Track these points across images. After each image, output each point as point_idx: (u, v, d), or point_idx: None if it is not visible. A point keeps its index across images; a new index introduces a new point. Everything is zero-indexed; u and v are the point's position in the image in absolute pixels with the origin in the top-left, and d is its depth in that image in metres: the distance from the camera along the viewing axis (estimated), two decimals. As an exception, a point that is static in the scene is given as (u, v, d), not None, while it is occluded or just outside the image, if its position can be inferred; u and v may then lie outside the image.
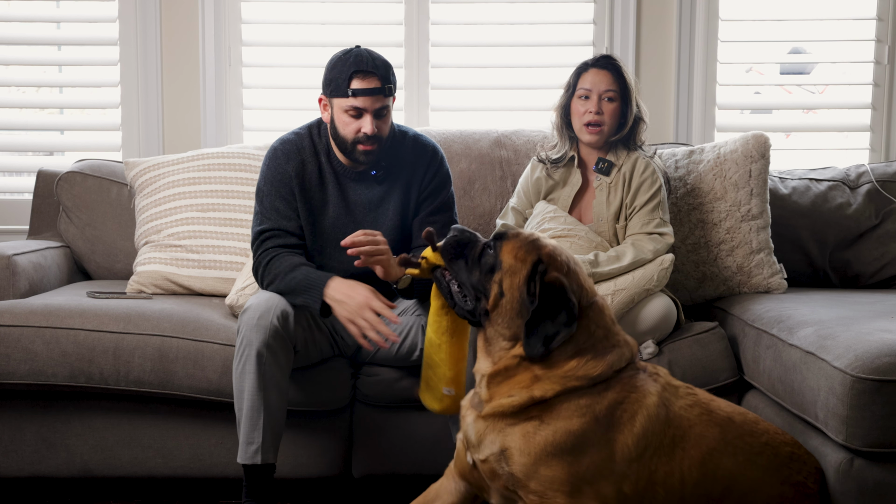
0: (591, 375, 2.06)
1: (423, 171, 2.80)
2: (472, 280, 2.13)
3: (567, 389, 2.05)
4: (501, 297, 2.08)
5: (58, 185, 3.48)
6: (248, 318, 2.55)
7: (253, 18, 3.81)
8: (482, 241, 2.17)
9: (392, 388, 2.82)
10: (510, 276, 2.08)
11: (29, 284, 3.10)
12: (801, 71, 4.14)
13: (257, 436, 2.53)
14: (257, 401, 2.53)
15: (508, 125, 3.59)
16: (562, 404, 2.05)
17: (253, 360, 2.52)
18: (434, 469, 2.84)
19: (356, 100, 2.63)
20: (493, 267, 2.10)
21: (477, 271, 2.12)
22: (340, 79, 2.64)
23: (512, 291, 2.08)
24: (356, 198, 2.77)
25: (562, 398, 2.05)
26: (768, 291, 3.14)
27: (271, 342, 2.53)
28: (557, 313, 2.04)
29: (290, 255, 2.66)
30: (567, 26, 3.82)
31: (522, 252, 2.10)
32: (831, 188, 3.41)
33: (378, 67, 2.64)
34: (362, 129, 2.64)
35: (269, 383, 2.53)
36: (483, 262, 2.12)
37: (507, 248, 2.11)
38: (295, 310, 2.59)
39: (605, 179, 3.01)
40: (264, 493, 2.56)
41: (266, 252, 2.68)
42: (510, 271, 2.09)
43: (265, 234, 2.70)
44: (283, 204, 2.72)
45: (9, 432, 2.84)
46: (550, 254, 2.11)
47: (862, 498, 2.24)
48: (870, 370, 2.21)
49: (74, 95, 3.94)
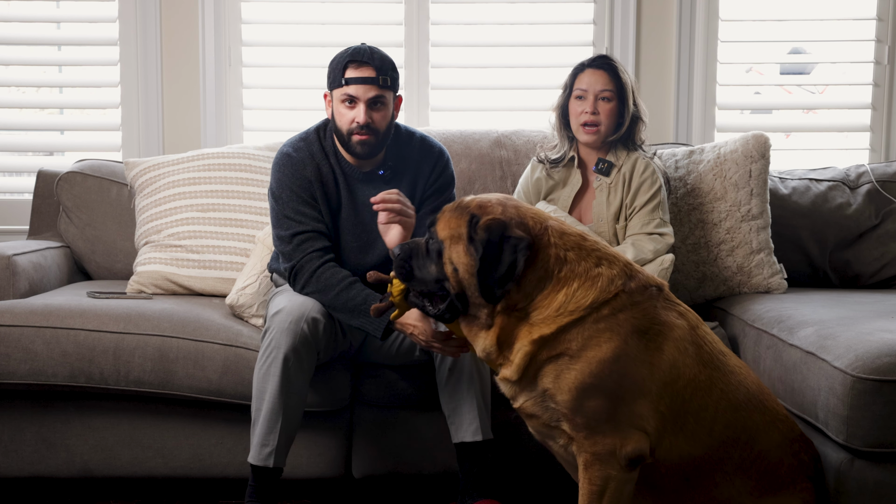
0: (584, 305, 2.03)
1: (428, 170, 2.81)
2: (432, 278, 2.12)
3: (566, 325, 2.03)
4: (456, 272, 2.07)
5: (58, 185, 3.48)
6: (279, 320, 2.55)
7: (253, 18, 3.81)
8: (423, 239, 2.17)
9: (392, 389, 2.82)
10: (453, 246, 2.08)
11: (29, 284, 3.10)
12: (801, 71, 4.14)
13: (273, 439, 2.54)
14: (278, 404, 2.53)
15: (508, 125, 3.59)
16: (579, 336, 2.04)
17: (279, 364, 2.52)
18: (434, 469, 2.85)
19: (349, 88, 2.66)
20: (439, 251, 2.10)
21: (431, 265, 2.12)
22: (337, 69, 2.68)
23: (462, 258, 2.07)
24: (364, 198, 2.77)
25: (573, 331, 2.03)
26: (768, 291, 3.14)
27: (299, 347, 2.53)
28: (501, 252, 2.01)
29: (338, 268, 2.66)
30: (567, 26, 3.82)
31: (454, 219, 2.10)
32: (831, 188, 3.41)
33: (374, 59, 2.67)
34: (355, 119, 2.66)
35: (291, 388, 2.54)
36: (430, 254, 2.12)
37: (441, 224, 2.12)
38: (325, 317, 2.60)
39: (605, 180, 3.01)
40: (270, 494, 2.56)
41: (309, 257, 2.67)
42: (452, 240, 2.08)
43: (301, 237, 2.69)
44: (308, 208, 2.72)
45: (9, 432, 2.84)
46: (480, 204, 2.10)
47: (862, 498, 2.24)
48: (870, 370, 2.21)
49: (74, 95, 3.94)
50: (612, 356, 2.03)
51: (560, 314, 2.04)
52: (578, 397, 2.03)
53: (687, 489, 2.12)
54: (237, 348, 2.78)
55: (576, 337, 2.04)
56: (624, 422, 2.04)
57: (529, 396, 2.10)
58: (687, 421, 2.08)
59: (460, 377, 2.60)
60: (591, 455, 2.06)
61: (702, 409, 2.09)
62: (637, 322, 2.06)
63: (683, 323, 2.12)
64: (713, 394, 2.10)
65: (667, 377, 2.06)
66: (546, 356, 2.06)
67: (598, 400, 2.03)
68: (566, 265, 2.06)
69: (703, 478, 2.11)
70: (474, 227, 2.05)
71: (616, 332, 2.04)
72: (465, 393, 2.59)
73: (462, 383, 2.60)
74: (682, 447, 2.08)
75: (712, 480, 2.11)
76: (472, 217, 2.07)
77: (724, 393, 2.11)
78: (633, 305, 2.07)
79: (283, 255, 2.73)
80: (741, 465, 2.12)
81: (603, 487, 2.06)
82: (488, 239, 2.03)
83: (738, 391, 2.14)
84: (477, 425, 2.58)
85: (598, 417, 2.04)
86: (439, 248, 2.10)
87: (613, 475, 2.05)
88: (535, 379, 2.08)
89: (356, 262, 2.77)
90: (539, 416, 2.11)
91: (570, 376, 2.03)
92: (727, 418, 2.11)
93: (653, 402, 2.05)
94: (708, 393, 2.10)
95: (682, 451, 2.08)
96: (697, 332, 2.14)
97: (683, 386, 2.08)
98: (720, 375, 2.13)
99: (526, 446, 2.86)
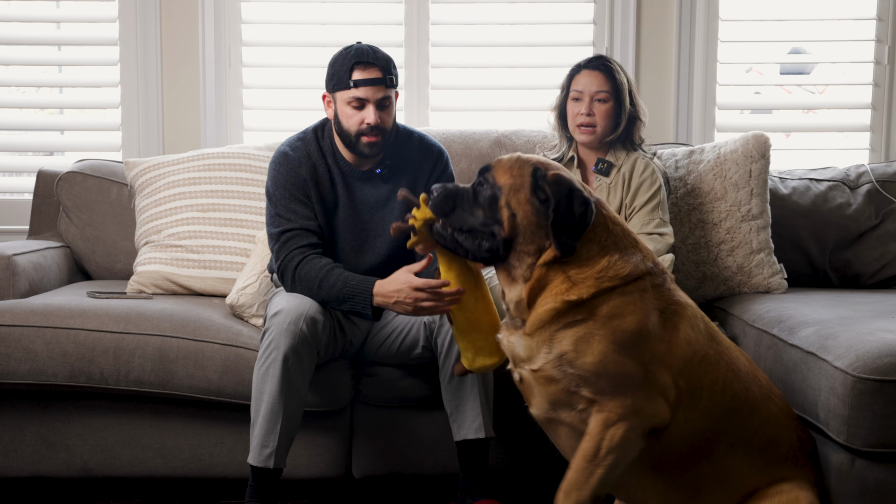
0: (621, 275, 2.09)
1: (429, 171, 2.81)
2: (478, 221, 2.15)
3: (603, 290, 2.07)
4: (514, 217, 2.11)
5: (58, 185, 3.48)
6: (278, 321, 2.55)
7: (253, 18, 3.81)
8: (469, 186, 2.21)
9: (392, 388, 2.82)
10: (514, 193, 2.13)
11: (29, 284, 3.10)
12: (801, 71, 4.14)
13: (273, 440, 2.54)
14: (277, 405, 2.53)
15: (508, 125, 3.59)
16: (607, 303, 2.08)
17: (279, 365, 2.52)
18: (435, 469, 2.85)
19: (358, 90, 2.65)
20: (493, 196, 2.14)
21: (479, 210, 2.15)
22: (342, 71, 2.67)
23: (523, 206, 2.12)
24: (363, 197, 2.77)
25: (604, 297, 2.08)
26: (768, 291, 3.14)
27: (299, 348, 2.53)
28: (571, 204, 2.07)
29: (318, 258, 2.66)
30: (567, 26, 3.82)
31: (517, 168, 2.15)
32: (831, 188, 3.41)
33: (379, 59, 2.67)
34: (366, 120, 2.66)
35: (291, 389, 2.54)
36: (481, 199, 2.16)
37: (500, 171, 2.16)
38: (324, 317, 2.60)
39: (605, 180, 3.02)
40: (270, 495, 2.56)
41: (292, 254, 2.67)
42: (513, 189, 2.13)
43: (287, 234, 2.70)
44: (300, 206, 2.72)
45: (9, 432, 2.84)
46: (541, 161, 2.18)
47: (863, 498, 2.24)
48: (871, 370, 2.21)
49: (74, 95, 3.94)
50: (635, 328, 2.07)
51: (601, 278, 2.08)
52: (603, 361, 2.05)
53: (693, 461, 2.13)
54: (237, 348, 2.78)
55: (605, 303, 2.07)
56: (649, 386, 2.07)
57: (548, 359, 2.09)
58: (702, 396, 2.12)
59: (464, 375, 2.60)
60: (616, 416, 2.06)
61: (713, 382, 2.13)
62: (658, 303, 2.12)
63: (693, 303, 2.21)
64: (720, 366, 2.15)
65: (685, 354, 2.11)
66: (570, 319, 2.08)
67: (623, 364, 2.06)
68: (612, 236, 2.13)
69: (710, 449, 2.13)
70: (541, 178, 2.11)
71: (641, 306, 2.09)
72: (468, 391, 2.59)
73: (465, 381, 2.60)
74: (694, 420, 2.11)
75: (717, 451, 2.13)
76: (536, 169, 2.13)
77: (728, 365, 2.17)
78: (655, 288, 2.13)
79: (273, 254, 2.73)
80: (743, 435, 2.15)
81: (617, 448, 2.06)
82: (557, 191, 2.08)
83: (739, 362, 2.20)
84: (480, 422, 2.58)
85: (624, 381, 2.06)
86: (493, 194, 2.14)
87: (632, 439, 2.07)
88: (550, 340, 2.09)
89: (354, 261, 2.77)
90: (558, 379, 2.09)
91: (595, 341, 2.06)
92: (734, 389, 2.15)
93: (673, 375, 2.09)
94: (716, 366, 2.15)
95: (695, 424, 2.11)
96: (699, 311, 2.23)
97: (698, 362, 2.13)
98: (723, 349, 2.19)
99: (526, 446, 2.86)
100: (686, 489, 2.16)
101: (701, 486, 2.15)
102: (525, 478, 2.94)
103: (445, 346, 2.62)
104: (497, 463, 2.81)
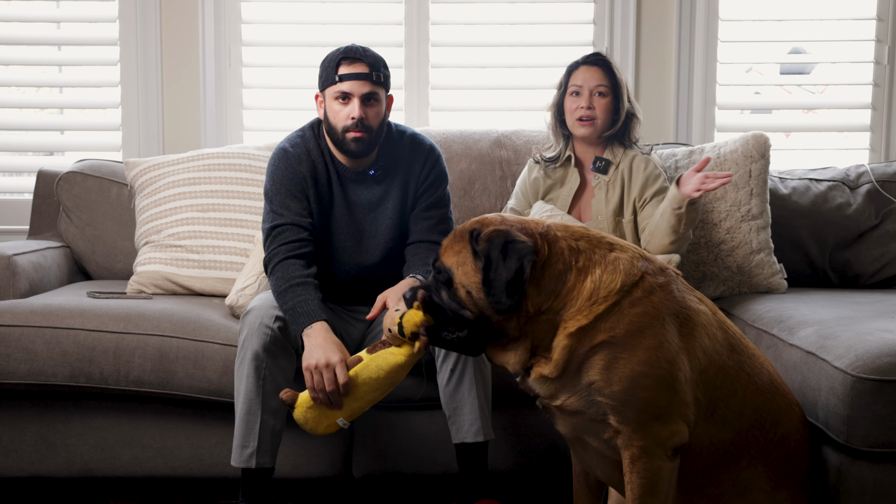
0: (615, 289, 2.00)
1: (419, 168, 2.81)
2: (452, 307, 2.08)
3: (602, 313, 1.99)
4: (470, 294, 2.04)
5: (58, 185, 3.48)
6: (249, 320, 2.56)
7: (253, 18, 3.81)
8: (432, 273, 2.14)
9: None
10: (461, 270, 2.05)
11: (29, 284, 3.10)
12: (801, 71, 4.15)
13: (252, 440, 2.53)
14: (254, 404, 2.53)
15: (508, 125, 3.59)
16: (621, 322, 1.98)
17: (250, 364, 2.53)
18: (434, 469, 2.85)
19: (343, 84, 2.66)
20: (449, 280, 2.07)
21: (446, 295, 2.09)
22: (330, 67, 2.69)
23: (469, 279, 2.03)
24: (356, 199, 2.78)
25: (615, 317, 1.99)
26: (768, 291, 3.14)
27: (271, 347, 2.53)
28: (505, 254, 1.98)
29: (296, 262, 2.64)
30: (567, 26, 3.83)
31: (456, 244, 2.07)
32: (831, 188, 3.42)
33: (366, 56, 2.68)
34: (350, 115, 2.66)
35: (268, 387, 2.53)
36: (442, 284, 2.09)
37: (447, 254, 2.08)
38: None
39: (603, 178, 3.02)
40: (261, 495, 2.56)
41: (277, 250, 2.67)
42: (458, 266, 2.05)
43: (277, 230, 2.69)
44: (295, 202, 2.71)
45: (9, 432, 2.84)
46: (478, 222, 2.08)
47: (862, 498, 2.24)
48: (870, 370, 2.21)
49: (74, 95, 3.94)
50: (656, 342, 1.99)
51: (594, 302, 1.99)
52: (630, 387, 1.99)
53: (714, 474, 2.11)
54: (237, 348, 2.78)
55: (617, 324, 1.99)
56: (673, 412, 2.02)
57: (573, 393, 2.03)
58: (718, 407, 2.08)
59: (462, 378, 2.59)
60: (639, 449, 2.02)
61: (732, 394, 2.09)
62: (669, 305, 2.03)
63: (706, 308, 2.12)
64: (741, 378, 2.10)
65: (701, 364, 2.05)
66: (587, 347, 2.00)
67: (649, 390, 2.00)
68: (581, 254, 2.03)
69: (730, 462, 2.11)
70: (475, 240, 2.03)
71: (655, 316, 2.00)
72: (466, 394, 2.58)
73: (464, 384, 2.59)
74: (712, 433, 2.08)
75: (738, 465, 2.11)
76: (472, 233, 2.05)
77: (750, 377, 2.12)
78: (660, 288, 2.04)
79: (264, 249, 2.73)
80: (764, 449, 2.12)
81: (654, 479, 2.03)
82: (489, 248, 2.00)
83: (762, 374, 2.15)
84: (478, 426, 2.57)
85: (648, 409, 2.00)
86: (449, 277, 2.06)
87: (662, 466, 2.03)
88: (578, 373, 2.02)
89: (353, 261, 2.77)
90: (584, 411, 2.04)
91: (620, 366, 1.98)
92: (755, 402, 2.11)
93: (692, 389, 2.04)
94: (737, 378, 2.10)
95: (713, 436, 2.08)
96: (718, 316, 2.15)
97: (715, 373, 2.07)
98: (745, 359, 2.13)
99: (526, 446, 2.86)
100: (706, 501, 2.14)
101: (721, 498, 2.13)
102: (525, 478, 2.94)
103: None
104: (497, 463, 2.81)
